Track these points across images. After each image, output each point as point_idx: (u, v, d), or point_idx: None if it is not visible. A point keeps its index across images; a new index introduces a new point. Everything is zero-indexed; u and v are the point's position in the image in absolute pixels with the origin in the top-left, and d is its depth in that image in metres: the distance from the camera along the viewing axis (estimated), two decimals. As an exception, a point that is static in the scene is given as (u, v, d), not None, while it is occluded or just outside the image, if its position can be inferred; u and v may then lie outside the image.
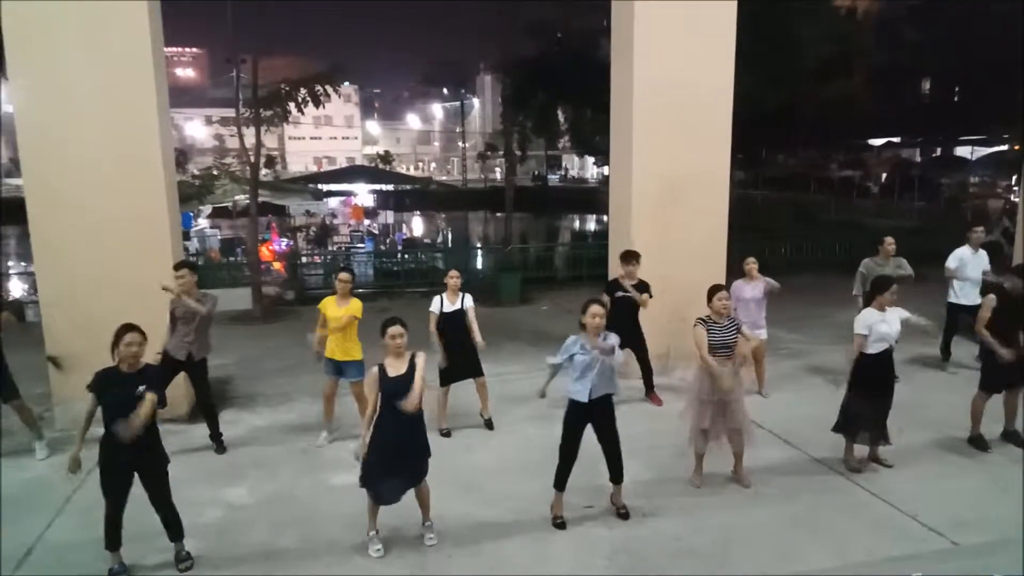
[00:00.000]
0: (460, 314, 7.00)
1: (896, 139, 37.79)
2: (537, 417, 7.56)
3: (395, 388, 4.80)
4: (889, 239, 8.42)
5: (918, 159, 37.95)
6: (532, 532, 5.28)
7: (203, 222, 24.50)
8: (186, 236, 18.74)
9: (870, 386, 6.00)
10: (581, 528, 5.32)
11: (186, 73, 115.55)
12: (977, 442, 6.57)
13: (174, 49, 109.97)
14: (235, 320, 12.06)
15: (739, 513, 5.52)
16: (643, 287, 7.56)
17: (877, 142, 38.83)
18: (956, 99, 31.83)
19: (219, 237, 22.55)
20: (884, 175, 35.17)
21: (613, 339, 5.14)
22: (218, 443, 6.84)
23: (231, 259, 17.96)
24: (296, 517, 5.55)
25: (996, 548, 4.88)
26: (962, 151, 34.91)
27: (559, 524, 5.33)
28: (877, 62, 25.63)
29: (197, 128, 74.01)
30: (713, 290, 5.82)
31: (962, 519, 5.32)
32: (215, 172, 21.34)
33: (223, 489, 6.01)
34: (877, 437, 6.15)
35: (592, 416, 5.25)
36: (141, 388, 4.57)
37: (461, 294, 7.02)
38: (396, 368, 4.88)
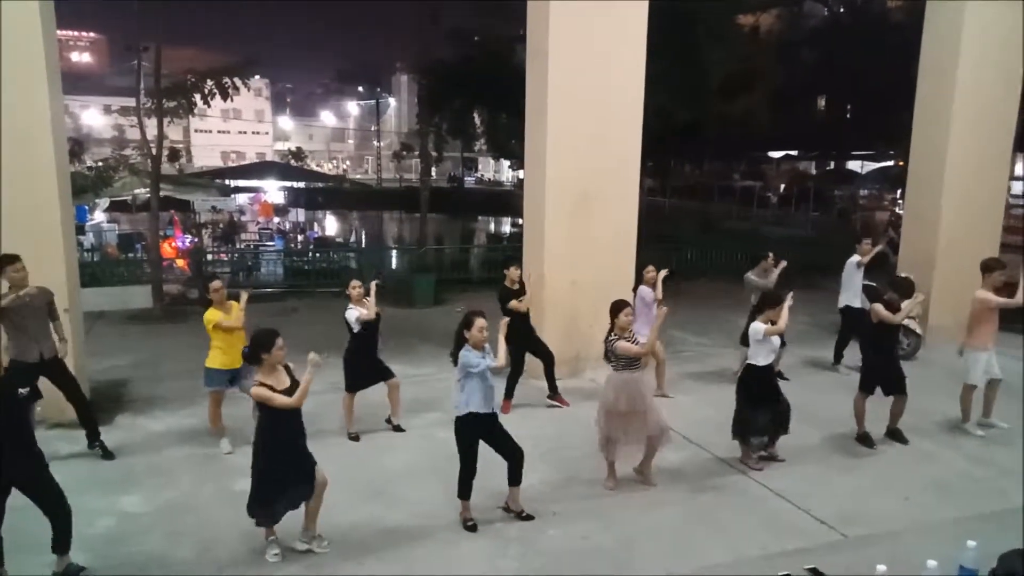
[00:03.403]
0: (375, 323, 6.89)
1: (794, 152, 39.79)
2: (447, 420, 7.50)
3: (288, 411, 4.67)
4: (769, 255, 8.82)
5: (813, 172, 40.10)
6: (443, 535, 5.26)
7: (100, 216, 23.29)
8: (81, 230, 17.75)
9: (762, 395, 6.30)
10: (492, 530, 5.34)
11: (83, 58, 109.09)
12: (864, 440, 7.00)
13: (70, 32, 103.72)
14: (133, 319, 11.51)
15: (645, 512, 5.67)
16: (523, 288, 7.70)
17: (776, 154, 40.77)
18: (848, 117, 33.79)
19: (117, 232, 21.47)
20: (782, 186, 36.98)
21: (490, 358, 5.21)
22: (102, 448, 6.48)
23: (129, 255, 17.12)
24: (195, 525, 5.34)
25: (881, 539, 5.21)
26: (853, 165, 37.17)
27: (470, 526, 5.33)
28: (778, 79, 26.94)
29: (94, 117, 70.05)
30: (618, 306, 5.85)
31: (850, 513, 5.64)
32: (113, 164, 20.24)
33: (116, 497, 5.72)
34: (774, 438, 6.47)
35: (489, 427, 5.28)
36: (22, 391, 4.30)
37: (368, 300, 6.88)
38: (279, 382, 4.72)
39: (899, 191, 22.73)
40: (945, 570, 2.98)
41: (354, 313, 6.75)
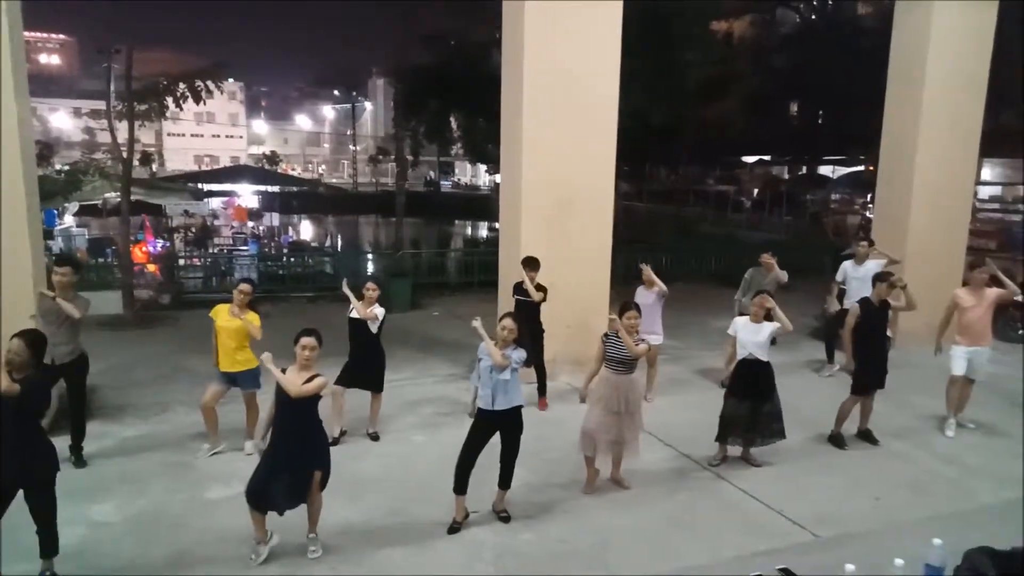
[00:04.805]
0: (364, 325, 6.87)
1: (767, 157, 40.25)
2: (424, 425, 7.55)
3: (290, 403, 4.69)
4: (766, 255, 8.88)
5: (786, 176, 40.56)
6: (418, 539, 5.24)
7: (69, 220, 22.89)
8: (49, 235, 17.44)
9: (738, 390, 6.40)
10: (467, 533, 5.34)
11: (52, 61, 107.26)
12: (836, 441, 7.10)
13: (38, 34, 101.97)
14: (103, 325, 11.30)
15: (620, 514, 5.70)
16: (539, 288, 7.70)
17: (750, 159, 41.22)
18: (820, 122, 34.29)
19: (87, 237, 21.12)
20: (756, 191, 37.36)
21: (516, 356, 5.21)
22: (78, 456, 6.39)
23: (100, 260, 16.84)
24: (167, 533, 5.27)
25: (852, 539, 5.27)
26: (824, 170, 37.66)
27: (454, 529, 5.32)
28: (751, 85, 27.31)
29: (64, 120, 68.93)
30: (623, 308, 5.89)
31: (823, 513, 5.72)
32: (83, 167, 19.92)
33: (86, 506, 5.61)
34: (749, 440, 6.54)
35: (499, 425, 5.32)
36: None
37: (375, 305, 6.85)
38: (297, 381, 4.74)
39: (869, 195, 23.11)
40: (912, 568, 3.02)
41: (352, 308, 6.86)
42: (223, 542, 5.08)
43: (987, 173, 27.93)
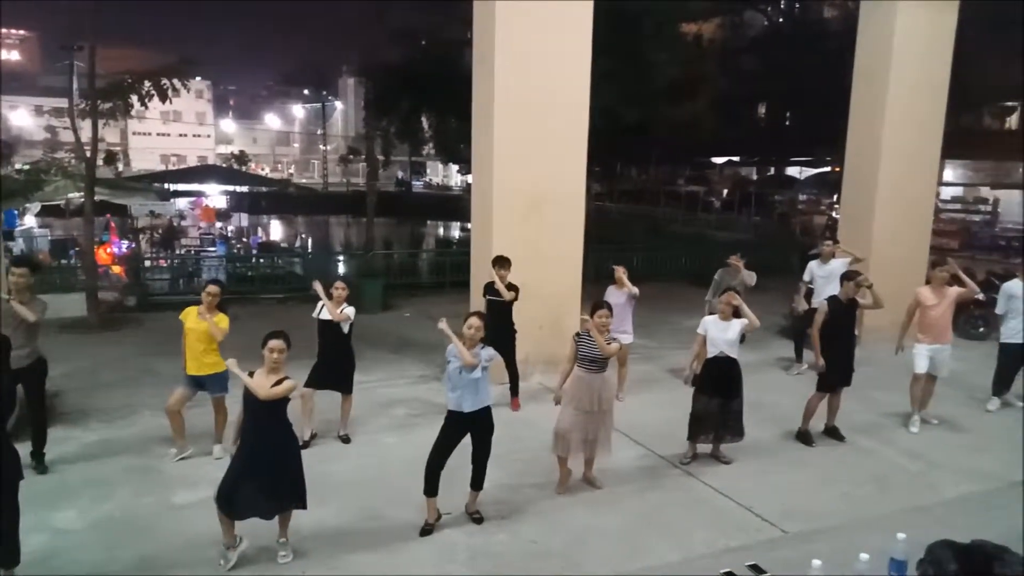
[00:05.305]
0: (335, 326, 6.81)
1: (736, 158, 40.70)
2: (395, 426, 7.51)
3: (259, 406, 4.63)
4: (733, 257, 8.96)
5: (755, 177, 41.07)
6: (390, 541, 5.22)
7: (31, 221, 22.38)
8: (10, 236, 17.05)
9: (708, 388, 6.47)
10: (440, 535, 5.32)
11: (12, 57, 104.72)
12: (803, 437, 7.20)
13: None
14: (66, 328, 11.08)
15: (592, 513, 5.72)
16: (511, 288, 7.70)
17: (719, 160, 41.66)
18: (787, 123, 34.80)
19: (49, 238, 20.68)
20: (725, 191, 37.78)
21: (484, 354, 5.20)
22: (39, 461, 6.25)
23: (63, 262, 16.50)
24: (133, 539, 5.17)
25: (819, 535, 5.36)
26: (792, 171, 38.20)
27: (427, 531, 5.30)
28: (720, 87, 27.62)
29: (25, 118, 67.37)
30: (595, 307, 5.92)
31: (791, 509, 5.80)
32: (44, 166, 19.49)
33: (49, 512, 5.50)
34: (720, 436, 6.61)
35: (470, 427, 5.31)
36: None
37: (345, 305, 6.81)
38: (266, 384, 4.69)
39: (836, 196, 23.51)
40: (877, 562, 3.08)
41: (321, 308, 6.81)
42: (191, 547, 5.01)
43: (949, 174, 28.54)
